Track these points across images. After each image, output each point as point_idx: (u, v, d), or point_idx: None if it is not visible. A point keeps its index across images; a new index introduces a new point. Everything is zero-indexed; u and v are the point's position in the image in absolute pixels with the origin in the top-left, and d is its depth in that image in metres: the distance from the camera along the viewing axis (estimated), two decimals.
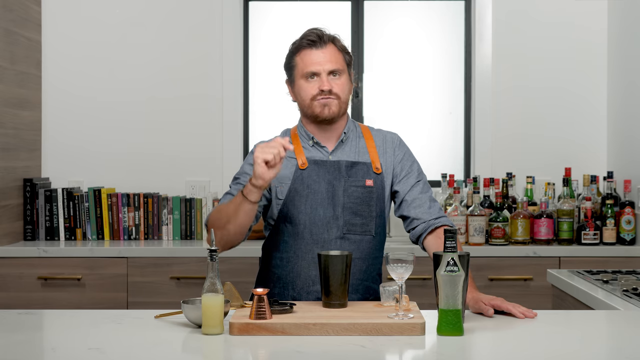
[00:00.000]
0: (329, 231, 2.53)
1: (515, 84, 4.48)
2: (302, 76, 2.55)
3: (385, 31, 4.62)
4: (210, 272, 2.08)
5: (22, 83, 4.20)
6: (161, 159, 4.46)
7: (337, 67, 2.54)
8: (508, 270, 3.90)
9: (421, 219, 2.58)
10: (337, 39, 2.59)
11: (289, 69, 2.62)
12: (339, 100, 2.55)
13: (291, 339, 2.02)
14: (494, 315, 2.30)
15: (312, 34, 2.56)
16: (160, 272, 3.90)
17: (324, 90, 2.52)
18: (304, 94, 2.56)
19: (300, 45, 2.57)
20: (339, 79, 2.55)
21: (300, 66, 2.56)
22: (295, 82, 2.58)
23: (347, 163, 2.57)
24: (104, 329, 2.17)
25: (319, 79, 2.53)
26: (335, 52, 2.56)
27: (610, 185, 4.05)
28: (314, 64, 2.53)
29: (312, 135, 2.60)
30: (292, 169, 2.56)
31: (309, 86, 2.54)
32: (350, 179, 2.56)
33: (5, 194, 4.01)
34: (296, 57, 2.58)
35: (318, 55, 2.54)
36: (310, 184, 2.54)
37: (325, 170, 2.56)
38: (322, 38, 2.55)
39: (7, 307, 3.76)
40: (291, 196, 2.53)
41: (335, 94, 2.53)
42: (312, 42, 2.54)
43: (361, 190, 2.55)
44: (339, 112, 2.56)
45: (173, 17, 4.48)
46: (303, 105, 2.58)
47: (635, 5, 4.11)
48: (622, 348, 2.02)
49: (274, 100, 4.60)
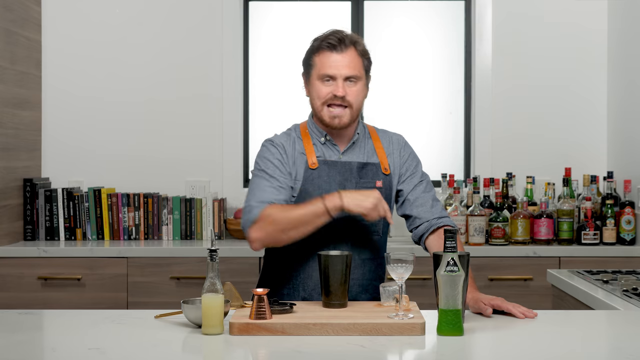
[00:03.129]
0: (340, 232, 2.52)
1: (515, 84, 4.48)
2: (318, 77, 2.52)
3: (385, 31, 4.61)
4: (210, 272, 2.08)
5: (22, 83, 4.20)
6: (161, 159, 4.46)
7: (355, 73, 2.51)
8: (508, 270, 3.90)
9: (423, 218, 2.59)
10: (358, 43, 2.54)
11: (307, 66, 2.58)
12: (351, 110, 2.52)
13: (291, 339, 2.02)
14: (493, 315, 2.30)
15: (333, 37, 2.52)
16: (160, 272, 3.90)
17: (337, 95, 2.50)
18: (316, 96, 2.53)
19: (320, 46, 2.53)
20: (355, 85, 2.52)
21: (317, 67, 2.53)
22: (311, 81, 2.56)
23: (358, 164, 2.56)
24: (104, 329, 2.17)
25: (335, 83, 2.50)
26: (355, 57, 2.52)
27: (610, 185, 4.05)
28: (331, 68, 2.50)
29: (325, 132, 2.58)
30: (303, 167, 2.55)
31: (323, 89, 2.51)
32: (361, 180, 2.55)
33: (5, 194, 4.01)
34: (315, 57, 2.54)
35: (337, 59, 2.50)
36: (321, 185, 2.53)
37: (336, 171, 2.55)
38: (343, 42, 2.51)
39: (7, 307, 3.76)
40: (302, 197, 2.51)
41: (348, 101, 2.51)
42: (332, 45, 2.50)
43: None
44: (349, 122, 2.54)
45: (173, 17, 4.48)
46: (314, 106, 2.56)
47: (635, 5, 4.10)
48: (622, 348, 2.02)
49: (274, 100, 4.60)
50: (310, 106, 2.60)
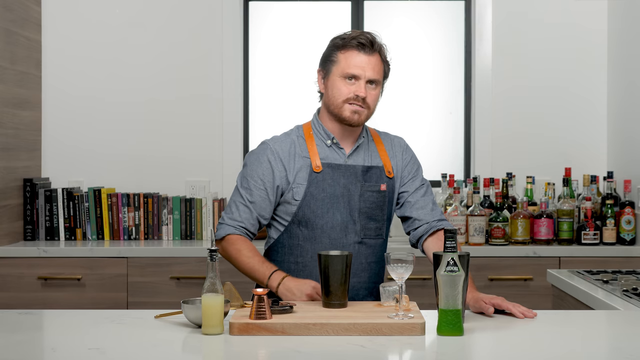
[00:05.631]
0: (347, 236, 2.52)
1: (515, 84, 4.48)
2: (342, 75, 2.51)
3: (385, 31, 4.57)
4: (210, 272, 2.08)
5: (22, 83, 4.20)
6: (161, 159, 4.46)
7: (377, 77, 2.53)
8: (508, 270, 3.90)
9: (423, 220, 2.59)
10: (383, 50, 2.56)
11: (327, 61, 2.55)
12: (368, 111, 2.53)
13: (291, 339, 2.02)
14: (494, 315, 2.30)
15: (364, 37, 2.51)
16: (160, 272, 3.90)
17: (359, 96, 2.49)
18: (337, 94, 2.51)
19: (349, 44, 2.51)
20: (375, 89, 2.53)
21: (342, 64, 2.51)
22: (331, 77, 2.53)
23: (363, 168, 2.56)
24: (104, 329, 2.18)
25: (358, 83, 2.50)
26: (379, 62, 2.54)
27: (610, 185, 4.05)
28: (357, 68, 2.49)
29: (332, 135, 2.58)
30: (307, 170, 2.54)
31: (346, 88, 2.50)
32: (366, 184, 2.55)
33: (5, 194, 4.01)
34: (340, 54, 2.52)
35: (363, 60, 2.50)
36: (325, 188, 2.52)
37: (341, 174, 2.54)
38: (373, 44, 2.52)
39: (7, 307, 3.76)
40: (307, 200, 2.51)
41: (367, 103, 2.51)
42: (362, 45, 2.50)
43: (376, 195, 2.55)
44: (364, 121, 2.56)
45: (173, 18, 4.48)
46: (332, 103, 2.53)
47: (635, 5, 4.11)
48: (622, 348, 2.02)
49: (274, 101, 4.60)
50: (325, 102, 2.57)
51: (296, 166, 2.54)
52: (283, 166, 2.53)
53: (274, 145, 2.56)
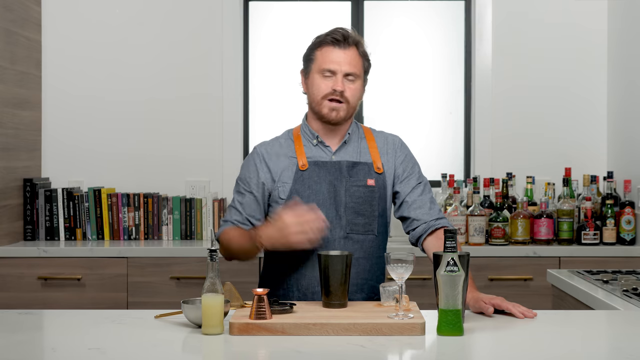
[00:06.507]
0: (332, 231, 2.53)
1: (515, 84, 4.48)
2: (319, 71, 2.55)
3: (385, 31, 4.61)
4: (210, 272, 2.08)
5: (22, 83, 4.20)
6: (161, 159, 4.46)
7: (355, 71, 2.54)
8: (508, 270, 3.90)
9: (421, 220, 2.59)
10: (360, 44, 2.58)
11: (307, 61, 2.61)
12: (348, 106, 2.55)
13: (291, 339, 2.02)
14: (494, 315, 2.30)
15: (338, 33, 2.56)
16: (160, 272, 3.90)
17: (336, 90, 2.51)
18: (316, 90, 2.56)
19: (323, 41, 2.56)
20: (353, 83, 2.55)
21: (319, 61, 2.55)
22: (310, 75, 2.58)
23: (348, 163, 2.57)
24: (104, 329, 2.18)
25: (335, 78, 2.53)
26: (356, 56, 2.56)
27: (610, 185, 4.05)
28: (332, 62, 2.53)
29: (316, 134, 2.61)
30: (293, 169, 2.57)
31: (323, 83, 2.54)
32: (351, 179, 2.56)
33: (5, 194, 4.01)
34: (317, 51, 2.57)
35: (339, 54, 2.53)
36: (311, 185, 2.55)
37: (326, 170, 2.56)
38: (347, 39, 2.55)
39: (7, 307, 3.76)
40: (292, 197, 2.53)
41: (346, 97, 2.53)
42: (336, 41, 2.54)
43: (363, 190, 2.56)
44: (345, 117, 2.57)
45: (173, 17, 4.48)
46: (313, 100, 2.58)
47: (635, 5, 4.11)
48: (622, 348, 2.02)
49: (274, 100, 4.60)
50: (308, 101, 2.62)
51: (281, 165, 2.58)
52: (267, 167, 2.59)
53: (260, 148, 2.65)
